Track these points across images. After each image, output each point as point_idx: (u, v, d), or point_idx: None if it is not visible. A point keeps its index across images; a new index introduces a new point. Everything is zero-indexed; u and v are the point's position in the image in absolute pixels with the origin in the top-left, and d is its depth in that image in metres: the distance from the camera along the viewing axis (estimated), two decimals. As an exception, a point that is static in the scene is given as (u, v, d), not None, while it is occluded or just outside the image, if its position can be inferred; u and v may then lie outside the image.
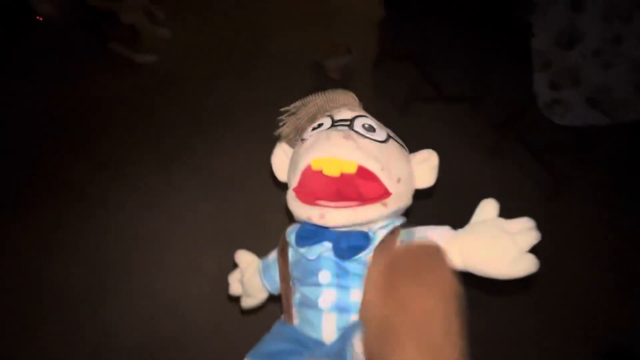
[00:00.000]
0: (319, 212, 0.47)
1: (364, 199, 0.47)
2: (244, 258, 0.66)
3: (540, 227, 0.40)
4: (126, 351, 0.87)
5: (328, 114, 0.54)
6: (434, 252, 0.40)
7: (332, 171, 0.46)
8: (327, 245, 0.48)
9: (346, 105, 0.55)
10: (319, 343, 0.47)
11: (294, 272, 0.52)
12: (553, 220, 1.28)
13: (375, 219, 0.47)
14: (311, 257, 0.48)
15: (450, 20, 1.45)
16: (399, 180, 0.50)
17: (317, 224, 0.47)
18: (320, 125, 0.53)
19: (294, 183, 0.52)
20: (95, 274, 0.99)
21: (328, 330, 0.47)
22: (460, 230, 0.44)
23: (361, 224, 0.47)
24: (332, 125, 0.51)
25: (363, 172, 0.47)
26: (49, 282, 0.96)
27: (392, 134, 0.54)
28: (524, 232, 0.40)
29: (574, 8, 1.05)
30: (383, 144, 0.50)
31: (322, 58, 1.68)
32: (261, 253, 1.05)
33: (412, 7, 1.81)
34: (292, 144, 0.59)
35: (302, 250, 0.49)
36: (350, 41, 1.77)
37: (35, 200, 1.12)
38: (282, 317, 0.54)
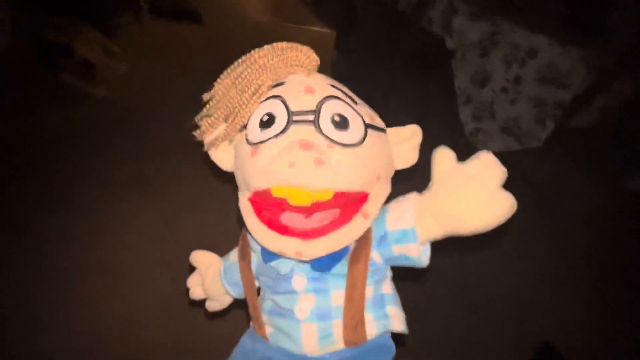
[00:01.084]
0: (294, 249, 0.37)
1: (341, 207, 0.38)
2: (204, 259, 0.56)
3: (476, 240, 0.40)
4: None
5: (276, 93, 0.39)
6: None
7: (300, 201, 0.36)
8: None
9: (299, 68, 0.40)
10: (302, 357, 0.41)
11: (261, 278, 0.46)
12: (488, 234, 1.42)
13: (361, 234, 0.39)
14: (284, 271, 0.41)
15: (394, 62, 1.65)
16: (378, 178, 0.41)
17: None
18: (269, 118, 0.38)
19: (246, 193, 0.41)
20: (33, 304, 0.93)
21: (309, 342, 0.40)
22: (426, 192, 0.37)
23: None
24: (289, 122, 0.37)
25: (341, 195, 0.37)
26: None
27: (369, 117, 0.41)
28: (487, 169, 0.34)
29: (482, 54, 1.27)
30: (360, 147, 0.38)
31: (278, 92, 1.80)
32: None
33: (361, 50, 2.02)
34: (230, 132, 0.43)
35: (272, 264, 0.41)
36: (304, 78, 1.92)
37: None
38: (251, 325, 0.47)
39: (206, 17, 2.51)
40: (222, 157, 0.47)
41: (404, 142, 0.44)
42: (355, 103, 0.41)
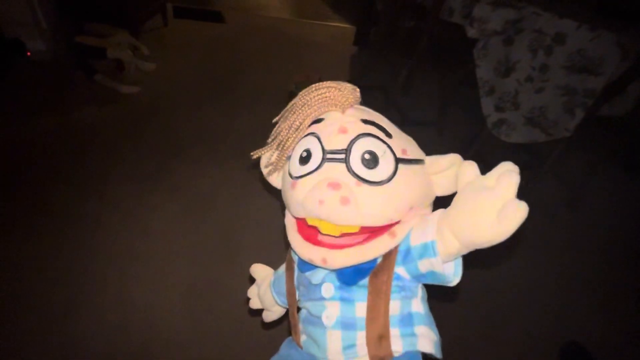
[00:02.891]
0: (321, 256, 0.41)
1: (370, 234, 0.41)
2: (259, 271, 0.61)
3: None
4: (95, 359, 0.88)
5: (314, 130, 0.42)
6: None
7: (329, 232, 0.40)
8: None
9: (336, 106, 0.43)
10: None
11: (300, 287, 0.49)
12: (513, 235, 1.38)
13: (385, 252, 0.40)
14: (315, 281, 0.44)
15: (413, 54, 1.62)
16: (411, 208, 0.41)
17: None
18: (308, 154, 0.42)
19: (292, 212, 0.44)
20: (69, 285, 1.01)
21: (334, 349, 0.41)
22: (448, 208, 0.38)
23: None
24: (323, 159, 0.40)
25: (367, 229, 0.40)
26: (27, 294, 0.97)
27: (402, 150, 0.42)
28: (502, 178, 0.33)
29: (506, 42, 1.23)
30: (390, 184, 0.39)
31: (296, 88, 1.82)
32: (234, 269, 1.10)
33: (379, 44, 2.01)
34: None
35: (307, 274, 0.45)
36: (323, 74, 1.93)
37: (21, 217, 1.14)
38: (291, 335, 0.50)
39: (228, 16, 2.58)
40: (276, 180, 0.51)
41: (443, 173, 0.44)
42: (390, 136, 0.42)
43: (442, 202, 0.43)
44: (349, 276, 0.41)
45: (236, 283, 1.07)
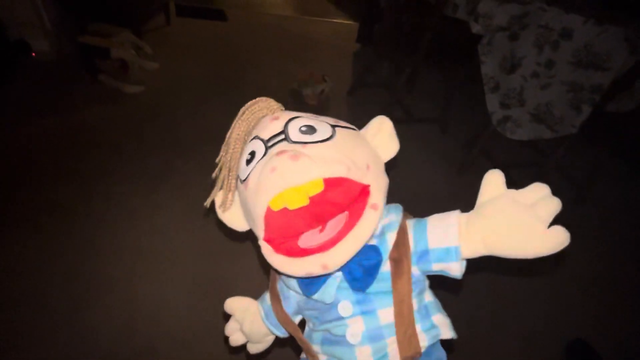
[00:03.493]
0: (320, 263, 0.37)
1: (348, 206, 0.39)
2: (238, 305, 0.56)
3: None
4: (106, 356, 0.89)
5: (253, 135, 0.44)
6: None
7: (298, 202, 0.37)
8: (338, 274, 0.41)
9: (266, 115, 0.45)
10: None
11: (307, 312, 0.47)
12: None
13: (375, 226, 0.39)
14: (329, 300, 0.41)
15: (417, 51, 1.61)
16: (368, 167, 0.41)
17: None
18: (252, 154, 0.42)
19: (260, 233, 0.41)
20: (76, 283, 1.02)
21: None
22: (472, 213, 0.39)
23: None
24: (266, 148, 0.41)
25: (331, 183, 0.37)
26: (33, 290, 0.98)
27: (334, 122, 0.44)
28: (542, 201, 0.35)
29: (511, 38, 1.21)
30: (333, 140, 0.40)
31: (300, 86, 1.82)
32: (239, 267, 1.11)
33: (382, 40, 2.00)
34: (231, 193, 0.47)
35: (316, 296, 0.42)
36: (326, 71, 1.93)
37: (28, 217, 1.16)
38: (303, 356, 0.48)
39: (230, 14, 2.57)
40: (232, 217, 0.49)
41: (377, 134, 0.47)
42: (319, 117, 0.45)
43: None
44: (360, 281, 0.39)
45: (241, 281, 1.08)
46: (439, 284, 0.47)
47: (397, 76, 1.77)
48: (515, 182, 1.43)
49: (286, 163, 0.37)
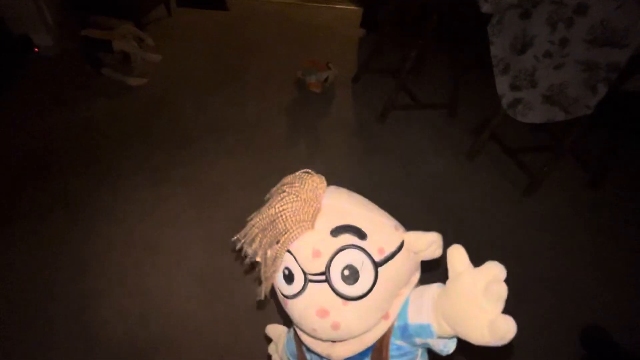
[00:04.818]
0: (325, 352, 0.45)
1: None
2: (274, 331, 0.66)
3: (517, 221, 0.39)
4: (117, 347, 0.90)
5: (289, 248, 0.42)
6: None
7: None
8: None
9: (302, 225, 0.41)
10: None
11: (310, 354, 0.53)
12: (529, 215, 1.34)
13: (382, 334, 0.44)
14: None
15: (424, 34, 1.57)
16: (397, 295, 0.44)
17: None
18: (289, 273, 0.43)
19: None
20: (88, 276, 1.03)
21: None
22: (441, 293, 0.39)
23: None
24: (306, 281, 0.41)
25: None
26: (46, 283, 1.00)
27: (378, 251, 0.41)
28: (490, 290, 0.34)
29: (522, 16, 1.16)
30: (374, 292, 0.40)
31: (304, 74, 1.79)
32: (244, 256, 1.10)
33: (387, 25, 1.94)
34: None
35: (312, 355, 0.51)
36: (330, 58, 1.89)
37: (37, 211, 1.17)
38: None
39: (231, 3, 2.53)
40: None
41: (425, 251, 0.44)
42: (364, 237, 0.41)
43: None
44: None
45: (247, 272, 1.08)
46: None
47: (403, 61, 1.72)
48: (527, 166, 1.38)
49: (327, 331, 0.41)
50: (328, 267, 0.40)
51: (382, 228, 0.43)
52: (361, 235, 0.41)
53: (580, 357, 0.99)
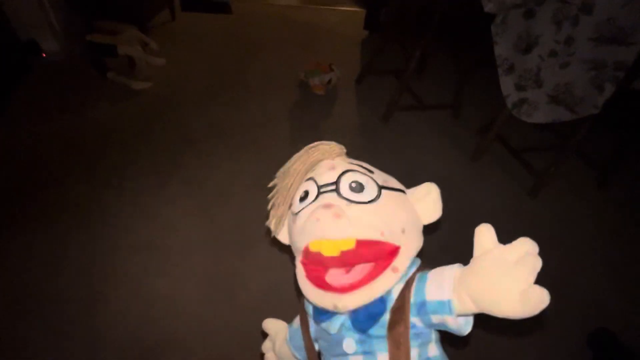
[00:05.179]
0: (332, 303, 0.44)
1: (375, 260, 0.44)
2: (272, 326, 0.64)
3: (522, 222, 0.40)
4: (123, 348, 0.91)
5: (310, 176, 0.50)
6: None
7: (330, 252, 0.44)
8: (346, 315, 0.46)
9: (325, 160, 0.51)
10: None
11: (320, 342, 0.51)
12: (535, 215, 1.33)
13: (390, 287, 0.44)
14: (332, 331, 0.47)
15: (427, 34, 1.56)
16: (403, 231, 0.46)
17: None
18: (306, 194, 0.49)
19: (298, 257, 0.49)
20: (92, 279, 1.04)
21: None
22: (466, 269, 0.40)
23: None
24: (318, 193, 0.47)
25: (363, 243, 0.44)
26: (51, 286, 1.01)
27: (383, 181, 0.49)
28: (524, 261, 0.35)
29: (527, 15, 1.15)
30: (375, 203, 0.46)
31: (307, 76, 1.79)
32: (249, 259, 1.11)
33: (390, 26, 1.94)
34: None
35: (323, 325, 0.48)
36: (333, 60, 1.88)
37: (44, 214, 1.18)
38: None
39: (235, 6, 2.54)
40: (283, 237, 0.57)
41: (424, 199, 0.51)
42: (372, 172, 0.50)
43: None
44: (362, 322, 0.44)
45: (252, 273, 1.08)
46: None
47: (406, 62, 1.72)
48: (532, 167, 1.37)
49: (328, 218, 0.44)
50: (339, 177, 0.47)
51: (388, 176, 0.52)
52: (370, 171, 0.50)
53: (587, 359, 0.97)
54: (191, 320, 0.97)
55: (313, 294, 0.46)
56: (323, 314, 0.47)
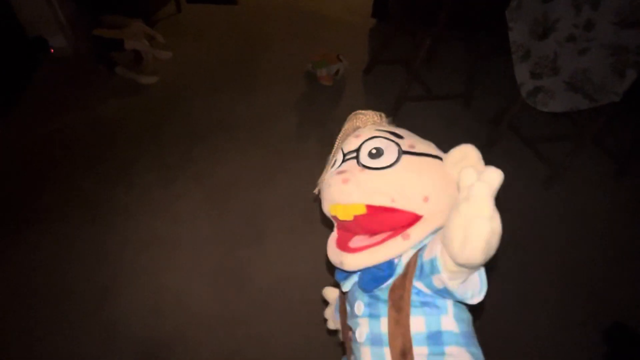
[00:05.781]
0: (339, 259, 0.46)
1: (392, 229, 0.44)
2: (329, 293, 0.65)
3: (538, 213, 0.37)
4: (134, 342, 0.92)
5: (343, 145, 0.52)
6: None
7: (344, 217, 0.45)
8: (358, 273, 0.47)
9: (358, 128, 0.53)
10: None
11: (348, 307, 0.52)
12: (551, 207, 1.29)
13: (397, 254, 0.43)
14: (345, 289, 0.49)
15: (437, 22, 1.51)
16: (425, 199, 0.43)
17: None
18: (334, 161, 0.52)
19: (324, 209, 0.52)
20: (104, 274, 1.05)
21: None
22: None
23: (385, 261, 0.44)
24: (343, 161, 0.49)
25: (375, 209, 0.43)
26: (63, 281, 1.03)
27: (409, 146, 0.47)
28: (472, 191, 0.30)
29: (544, -1, 1.10)
30: (391, 169, 0.44)
31: (314, 67, 1.76)
32: (258, 253, 1.11)
33: (398, 14, 1.89)
34: None
35: (341, 284, 0.50)
36: (341, 50, 1.85)
37: (55, 210, 1.20)
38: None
39: (240, -3, 2.50)
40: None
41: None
42: (401, 138, 0.48)
43: None
44: (366, 283, 0.44)
45: (261, 267, 1.08)
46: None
47: (416, 50, 1.67)
48: (547, 158, 1.33)
49: (337, 184, 0.46)
50: (361, 145, 0.48)
51: (424, 141, 0.50)
52: (399, 136, 0.49)
53: (603, 353, 0.95)
54: (201, 314, 0.98)
55: (330, 251, 0.49)
56: (340, 273, 0.49)
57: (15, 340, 0.93)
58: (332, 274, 0.53)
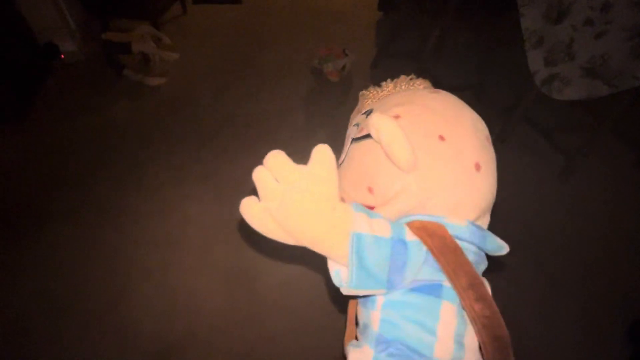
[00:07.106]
0: None
1: None
2: None
3: (554, 206, 0.35)
4: (147, 343, 0.93)
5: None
6: None
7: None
8: None
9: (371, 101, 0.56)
10: None
11: None
12: (567, 198, 1.25)
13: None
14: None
15: (445, 11, 1.47)
16: (370, 190, 0.42)
17: None
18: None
19: None
20: (117, 274, 1.07)
21: None
22: None
23: None
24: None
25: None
26: (78, 282, 1.05)
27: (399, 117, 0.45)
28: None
29: (558, -18, 1.05)
30: (344, 163, 0.48)
31: (320, 63, 1.74)
32: (269, 252, 1.10)
33: (406, 5, 1.85)
34: None
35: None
36: (347, 44, 1.82)
37: (65, 211, 1.23)
38: None
39: (245, -4, 2.50)
40: None
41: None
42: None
43: None
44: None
45: (272, 267, 1.08)
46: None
47: (424, 43, 1.64)
48: (563, 149, 1.27)
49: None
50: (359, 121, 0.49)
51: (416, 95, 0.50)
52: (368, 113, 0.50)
53: (628, 353, 0.91)
54: (213, 314, 0.98)
55: None
56: None
57: (35, 339, 0.94)
58: None
